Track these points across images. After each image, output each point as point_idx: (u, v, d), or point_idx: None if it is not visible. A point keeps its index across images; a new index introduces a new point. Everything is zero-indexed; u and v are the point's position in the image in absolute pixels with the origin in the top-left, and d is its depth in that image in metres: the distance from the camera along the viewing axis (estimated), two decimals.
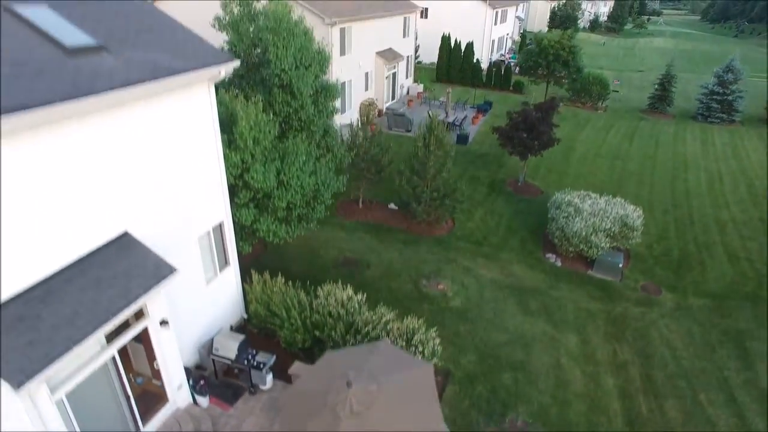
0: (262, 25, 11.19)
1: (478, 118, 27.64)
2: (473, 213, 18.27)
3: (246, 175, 9.76)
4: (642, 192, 21.75)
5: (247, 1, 12.66)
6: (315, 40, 13.00)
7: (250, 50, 12.06)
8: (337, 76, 22.80)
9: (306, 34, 11.97)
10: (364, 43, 25.10)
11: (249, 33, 12.02)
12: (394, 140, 24.55)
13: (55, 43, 6.44)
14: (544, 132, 18.41)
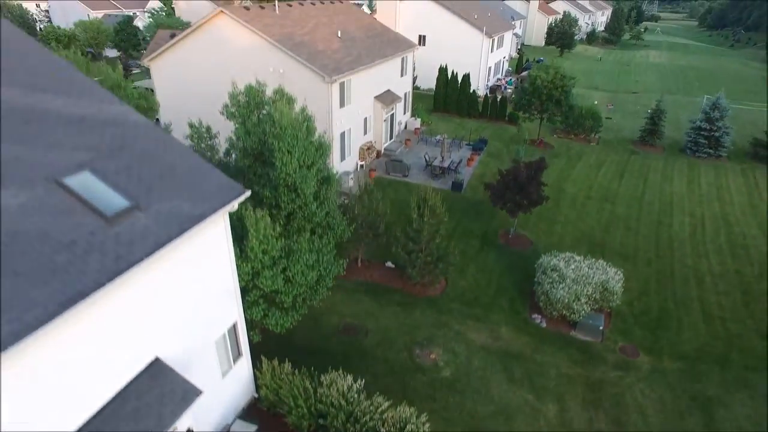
0: (269, 131, 12.30)
1: (473, 159, 28.76)
2: (466, 270, 19.41)
3: (256, 279, 10.91)
4: (628, 240, 22.89)
5: (254, 94, 13.81)
6: (316, 129, 14.17)
7: (257, 145, 13.19)
8: (337, 127, 23.96)
9: (309, 130, 13.10)
10: (363, 91, 26.22)
11: (256, 130, 13.14)
12: (392, 186, 25.77)
13: (98, 213, 7.57)
14: (534, 192, 19.53)
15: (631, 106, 50.42)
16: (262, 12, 24.00)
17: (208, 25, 23.14)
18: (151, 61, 25.39)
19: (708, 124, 33.32)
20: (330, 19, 28.17)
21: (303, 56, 21.94)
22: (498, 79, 50.90)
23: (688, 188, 28.89)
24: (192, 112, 25.49)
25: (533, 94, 31.33)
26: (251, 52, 22.68)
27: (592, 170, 31.04)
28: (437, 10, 43.96)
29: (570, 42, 78.66)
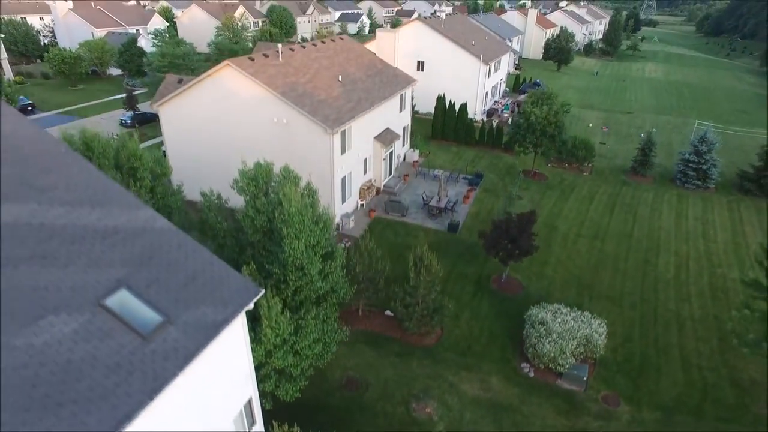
0: (277, 216, 13.47)
1: (468, 197, 29.94)
2: (460, 316, 20.61)
3: (269, 358, 12.09)
4: (615, 281, 24.09)
5: (262, 173, 15.00)
6: (320, 202, 15.37)
7: (266, 223, 14.37)
8: (338, 172, 25.13)
9: (314, 209, 14.28)
10: (363, 134, 27.39)
11: (266, 209, 14.32)
12: (391, 227, 26.94)
13: (137, 332, 8.75)
14: (524, 243, 20.71)
15: (625, 128, 51.64)
16: (266, 61, 25.15)
17: (215, 76, 24.28)
18: (160, 107, 26.57)
19: (696, 157, 34.52)
20: (331, 61, 29.34)
21: (306, 108, 23.10)
22: (495, 102, 52.08)
23: (675, 223, 30.10)
24: (200, 156, 26.79)
25: (528, 129, 32.50)
26: (257, 102, 23.84)
27: (584, 203, 32.23)
28: (435, 38, 45.09)
29: (567, 57, 79.86)
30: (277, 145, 24.56)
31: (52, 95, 54.94)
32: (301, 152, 24.26)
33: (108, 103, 53.09)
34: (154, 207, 17.13)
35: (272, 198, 14.51)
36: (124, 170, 17.08)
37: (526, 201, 31.15)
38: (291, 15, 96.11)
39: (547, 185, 34.32)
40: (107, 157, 16.26)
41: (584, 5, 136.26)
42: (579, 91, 69.97)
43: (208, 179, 27.25)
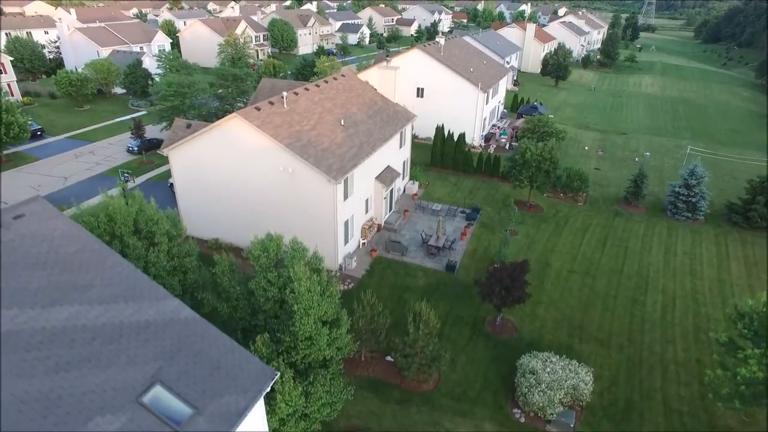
0: (288, 295, 14.74)
1: (465, 233, 31.21)
2: (456, 362, 21.86)
3: (282, 426, 13.35)
4: (604, 321, 25.35)
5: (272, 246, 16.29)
6: (325, 267, 16.66)
7: (277, 294, 15.64)
8: (341, 217, 26.38)
9: (321, 283, 15.57)
10: (364, 177, 28.65)
11: (277, 281, 15.61)
12: (391, 268, 28.17)
13: (171, 427, 10.03)
14: (517, 291, 21.98)
15: (620, 151, 52.89)
16: (272, 109, 26.38)
17: (223, 126, 25.54)
18: (170, 151, 27.84)
19: (686, 190, 35.75)
20: (333, 103, 30.60)
21: (311, 159, 24.36)
22: (493, 126, 53.34)
23: (664, 258, 31.34)
24: (209, 197, 28.05)
25: (523, 165, 33.76)
26: (264, 151, 25.07)
27: (578, 237, 33.47)
28: (434, 65, 46.39)
29: (564, 73, 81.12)
30: (284, 191, 25.84)
31: (60, 117, 56.17)
32: (306, 199, 25.55)
33: (114, 126, 54.33)
34: (171, 268, 18.46)
35: (283, 272, 15.77)
36: (143, 233, 18.37)
37: (521, 236, 32.43)
38: (292, 28, 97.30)
39: (542, 218, 35.57)
40: (128, 225, 17.50)
41: (582, 15, 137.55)
42: (576, 108, 71.28)
43: (218, 219, 28.75)
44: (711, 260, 31.33)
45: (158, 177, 40.27)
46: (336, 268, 27.16)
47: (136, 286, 12.35)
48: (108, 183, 39.40)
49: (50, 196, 36.88)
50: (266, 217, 27.18)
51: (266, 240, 16.51)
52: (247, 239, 28.14)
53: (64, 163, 43.57)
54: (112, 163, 43.73)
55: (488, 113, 50.63)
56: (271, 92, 35.55)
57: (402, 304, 25.56)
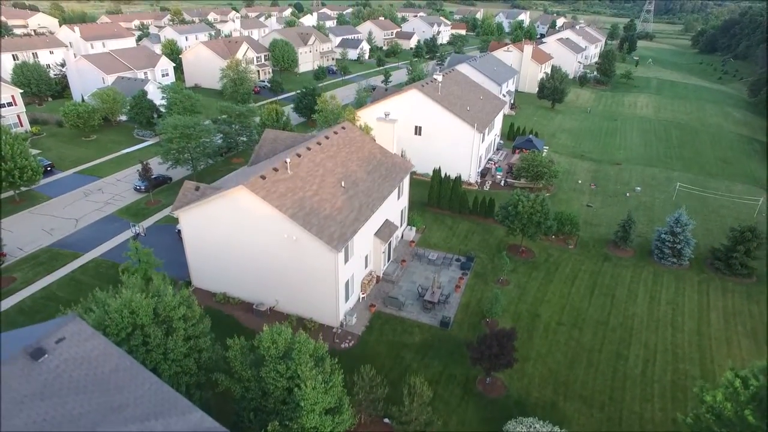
0: (296, 393, 16.39)
1: (459, 285, 32.89)
2: (449, 423, 23.51)
3: None
4: (588, 378, 27.00)
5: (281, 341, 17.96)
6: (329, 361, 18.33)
7: (286, 383, 17.31)
8: (342, 278, 28.02)
9: (325, 374, 17.24)
10: (364, 236, 30.29)
11: (286, 373, 17.27)
12: (389, 324, 29.80)
13: None
14: (506, 357, 23.64)
15: (612, 184, 54.51)
16: (275, 176, 27.99)
17: (230, 195, 27.18)
18: (180, 213, 29.49)
19: (671, 237, 37.41)
20: (334, 161, 32.22)
21: (313, 229, 26.00)
22: (489, 161, 54.98)
23: (648, 309, 32.98)
24: (218, 255, 29.68)
25: (516, 216, 35.42)
26: (269, 219, 26.70)
27: (567, 285, 35.11)
28: (432, 106, 47.99)
29: (560, 97, 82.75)
30: (288, 255, 27.49)
31: (68, 149, 57.75)
32: (309, 263, 27.19)
33: (121, 159, 55.91)
34: (187, 350, 20.06)
35: (291, 364, 17.43)
36: (161, 317, 19.99)
37: (513, 286, 34.10)
38: (292, 48, 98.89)
39: (534, 264, 37.22)
40: (148, 316, 19.11)
41: (580, 30, 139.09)
42: (571, 134, 72.91)
43: (225, 275, 30.47)
44: (692, 311, 32.98)
45: (165, 220, 41.83)
46: (337, 325, 28.83)
47: (164, 401, 13.98)
48: (117, 226, 41.07)
49: (63, 241, 38.53)
50: (272, 276, 28.92)
51: (275, 332, 18.15)
52: (254, 295, 30.20)
53: (74, 202, 45.18)
54: (121, 202, 45.34)
55: (484, 150, 52.24)
56: (274, 144, 37.26)
57: (399, 361, 27.25)
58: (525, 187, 50.18)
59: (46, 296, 31.86)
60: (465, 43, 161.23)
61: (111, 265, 34.98)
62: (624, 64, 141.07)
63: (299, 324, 29.06)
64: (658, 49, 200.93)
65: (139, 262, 29.79)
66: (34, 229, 40.32)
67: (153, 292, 20.38)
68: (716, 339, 30.51)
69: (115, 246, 37.84)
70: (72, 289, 32.67)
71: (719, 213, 48.15)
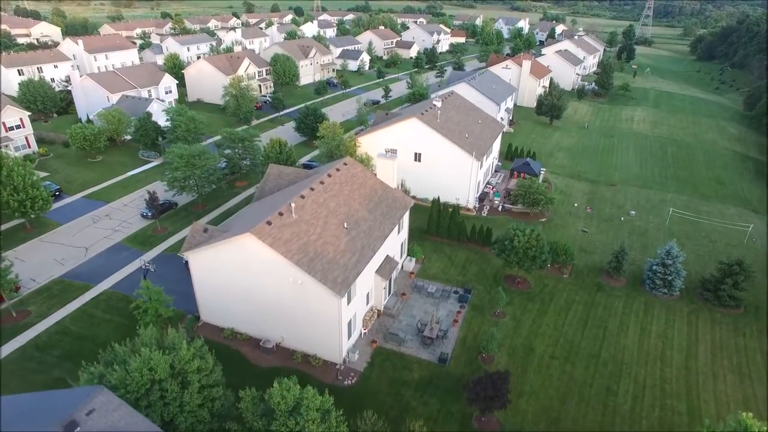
0: None
1: (457, 320, 34.19)
2: None
3: None
4: (579, 414, 28.30)
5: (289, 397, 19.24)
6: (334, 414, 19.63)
7: None
8: (345, 318, 29.30)
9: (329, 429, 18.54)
10: (366, 276, 31.56)
11: (294, 427, 18.55)
12: (390, 360, 31.06)
13: None
14: (500, 399, 24.94)
15: (608, 207, 55.73)
16: (281, 221, 29.23)
17: (238, 241, 28.42)
18: (190, 254, 30.77)
19: (662, 268, 38.69)
20: (337, 201, 33.48)
21: (318, 275, 27.28)
22: (487, 185, 56.22)
23: (639, 342, 34.27)
24: (226, 293, 30.98)
25: (512, 251, 36.69)
26: (276, 264, 27.96)
27: (561, 316, 36.39)
28: (431, 134, 49.20)
29: (559, 113, 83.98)
30: (294, 296, 28.76)
31: (75, 172, 58.95)
32: (314, 305, 28.48)
33: (127, 182, 57.11)
34: (201, 400, 21.35)
35: (300, 420, 18.73)
36: (177, 370, 21.25)
37: (509, 319, 35.39)
38: (294, 63, 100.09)
39: (529, 294, 38.49)
40: (165, 370, 20.39)
41: (578, 39, 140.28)
42: (568, 153, 74.12)
43: (233, 311, 31.82)
44: (681, 344, 34.27)
45: (172, 249, 43.08)
46: (340, 361, 30.12)
47: None
48: (126, 256, 42.26)
49: (74, 271, 39.78)
50: (278, 314, 30.21)
51: (284, 388, 19.43)
52: (260, 331, 31.50)
53: (82, 229, 46.43)
54: (128, 229, 46.56)
55: (482, 175, 53.45)
56: (278, 179, 38.53)
57: (399, 399, 28.53)
58: (522, 212, 51.58)
59: (61, 331, 33.15)
60: (464, 52, 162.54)
61: (122, 298, 36.30)
62: (622, 74, 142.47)
63: (304, 360, 30.38)
64: (656, 56, 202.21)
65: (150, 300, 31.22)
66: (45, 258, 41.59)
67: (168, 346, 21.67)
68: (703, 374, 31.83)
69: (125, 277, 39.15)
70: (85, 323, 33.99)
71: (711, 238, 49.47)
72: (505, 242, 37.57)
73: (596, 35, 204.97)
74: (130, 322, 32.91)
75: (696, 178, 66.99)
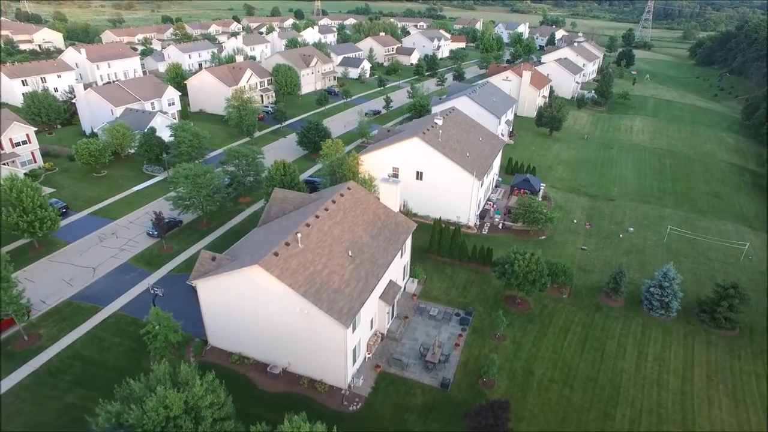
0: None
1: (459, 344, 35.00)
2: None
3: None
4: None
5: None
6: None
7: None
8: (350, 345, 30.11)
9: None
10: (369, 302, 32.35)
11: None
12: (394, 385, 31.86)
13: None
14: (500, 429, 25.78)
15: (607, 224, 56.48)
16: (288, 252, 30.00)
17: (247, 273, 29.19)
18: (198, 282, 31.57)
19: (660, 290, 39.51)
20: (342, 228, 34.26)
21: (324, 306, 28.09)
22: (488, 201, 57.00)
23: (636, 365, 35.08)
24: (234, 320, 31.80)
25: (512, 275, 37.50)
26: (283, 295, 28.75)
27: (560, 338, 37.18)
28: (433, 153, 49.98)
29: (558, 125, 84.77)
30: (301, 324, 29.56)
31: (80, 187, 59.68)
32: (320, 333, 29.29)
33: (132, 198, 57.83)
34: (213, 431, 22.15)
35: None
36: (190, 405, 22.05)
37: (509, 342, 36.19)
38: (295, 73, 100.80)
39: (529, 316, 39.29)
40: (179, 406, 21.19)
41: (578, 46, 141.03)
42: (568, 165, 74.90)
43: (241, 337, 32.68)
44: (677, 368, 35.08)
45: (178, 270, 43.84)
46: (345, 386, 30.94)
47: None
48: (133, 276, 43.01)
49: (83, 293, 40.55)
50: (285, 341, 31.01)
51: (294, 427, 20.23)
52: (268, 356, 32.30)
53: (89, 248, 47.19)
54: (135, 248, 47.31)
55: (483, 192, 54.20)
56: (283, 203, 39.31)
57: (403, 424, 29.34)
58: (522, 230, 52.39)
59: (72, 356, 33.93)
60: (465, 58, 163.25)
61: (131, 321, 37.08)
62: (622, 81, 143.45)
63: (310, 385, 31.18)
64: (655, 61, 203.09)
65: (160, 326, 32.00)
66: (54, 279, 42.37)
67: (182, 381, 22.46)
68: (698, 398, 32.64)
69: (133, 298, 39.94)
70: (95, 347, 34.77)
71: (708, 256, 50.30)
72: (505, 266, 38.38)
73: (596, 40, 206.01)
74: (139, 346, 33.76)
75: (693, 192, 67.83)
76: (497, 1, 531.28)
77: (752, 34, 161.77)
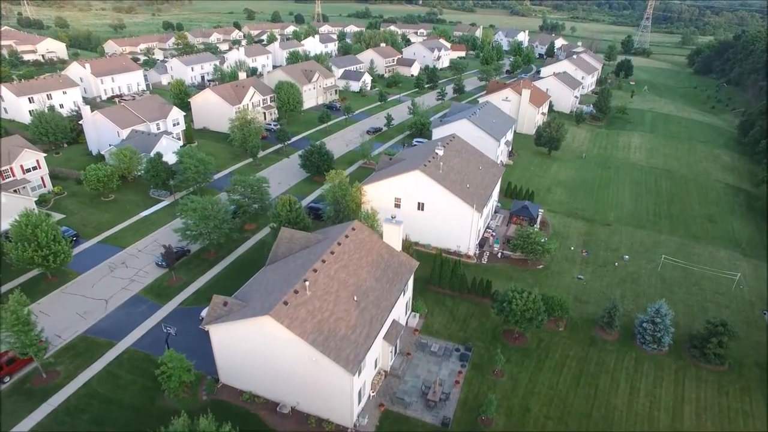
0: None
1: (459, 381, 36.55)
2: None
3: None
4: None
5: None
6: None
7: None
8: (356, 389, 31.62)
9: None
10: (375, 346, 33.83)
11: None
12: (397, 424, 33.41)
13: None
14: None
15: (603, 250, 58.05)
16: (296, 300, 31.48)
17: (258, 322, 30.69)
18: (211, 328, 33.08)
19: (652, 326, 41.07)
20: (347, 271, 35.76)
21: (332, 354, 29.61)
22: (487, 229, 58.49)
23: (628, 401, 36.67)
24: (244, 360, 33.28)
25: (510, 313, 39.05)
26: (292, 343, 30.26)
27: (555, 373, 38.75)
28: (433, 185, 51.45)
29: (557, 145, 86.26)
30: (308, 370, 31.09)
31: (89, 213, 61.01)
32: (327, 378, 30.81)
33: (140, 225, 59.18)
34: None
35: None
36: None
37: (506, 378, 37.73)
38: (298, 90, 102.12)
39: (526, 351, 40.83)
40: None
41: (577, 58, 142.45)
42: (566, 187, 76.43)
43: (252, 377, 34.24)
44: (668, 404, 36.66)
45: (188, 303, 45.31)
46: (351, 426, 32.49)
47: None
48: (145, 309, 44.43)
49: (97, 326, 42.01)
50: (294, 383, 32.55)
51: None
52: (277, 396, 33.86)
53: (101, 279, 48.60)
54: (145, 279, 48.70)
55: (482, 222, 55.65)
56: (290, 243, 40.79)
57: None
58: (521, 259, 53.89)
59: (89, 394, 35.40)
60: (465, 68, 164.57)
61: (144, 357, 38.58)
62: (620, 92, 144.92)
63: (318, 425, 32.72)
64: (654, 70, 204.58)
65: (174, 368, 33.50)
66: (68, 311, 43.82)
67: None
68: None
69: (145, 333, 41.39)
70: (111, 384, 36.21)
71: (701, 285, 51.87)
72: (503, 303, 39.93)
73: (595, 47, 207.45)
74: (153, 383, 35.21)
75: (688, 216, 69.39)
76: (497, 3, 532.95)
77: (749, 45, 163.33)
